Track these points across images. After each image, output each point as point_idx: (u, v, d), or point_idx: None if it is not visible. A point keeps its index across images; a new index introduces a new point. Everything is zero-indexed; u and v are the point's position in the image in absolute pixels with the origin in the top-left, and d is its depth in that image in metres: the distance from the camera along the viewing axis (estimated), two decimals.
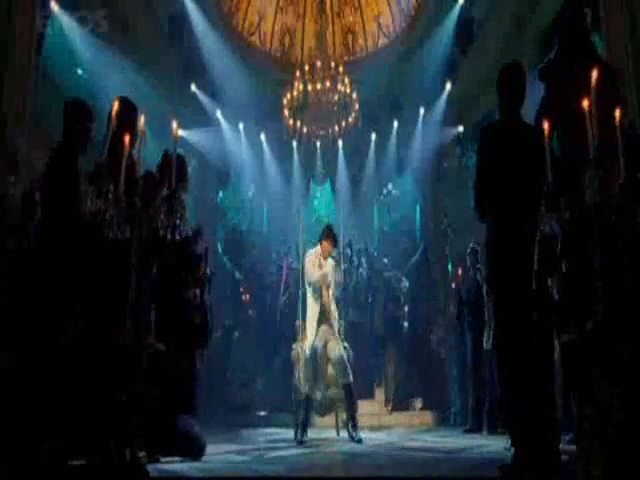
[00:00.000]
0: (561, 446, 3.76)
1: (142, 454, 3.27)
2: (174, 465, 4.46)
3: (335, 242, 6.63)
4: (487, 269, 4.19)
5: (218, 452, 5.38)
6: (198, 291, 5.36)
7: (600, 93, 3.18)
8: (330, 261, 6.62)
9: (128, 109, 3.81)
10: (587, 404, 2.81)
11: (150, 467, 4.15)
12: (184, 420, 4.99)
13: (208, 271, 5.58)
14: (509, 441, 5.20)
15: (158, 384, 4.81)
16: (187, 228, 5.19)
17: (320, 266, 6.46)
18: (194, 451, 4.85)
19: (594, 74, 3.15)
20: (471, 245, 8.15)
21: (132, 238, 3.01)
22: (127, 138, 3.24)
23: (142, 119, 3.32)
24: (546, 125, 3.33)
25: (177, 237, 3.15)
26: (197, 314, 5.28)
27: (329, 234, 6.58)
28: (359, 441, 5.99)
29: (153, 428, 4.69)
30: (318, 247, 6.59)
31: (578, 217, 3.11)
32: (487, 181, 4.06)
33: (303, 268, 6.65)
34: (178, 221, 3.14)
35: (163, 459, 4.63)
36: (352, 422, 6.22)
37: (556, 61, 4.42)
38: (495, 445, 5.58)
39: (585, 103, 3.09)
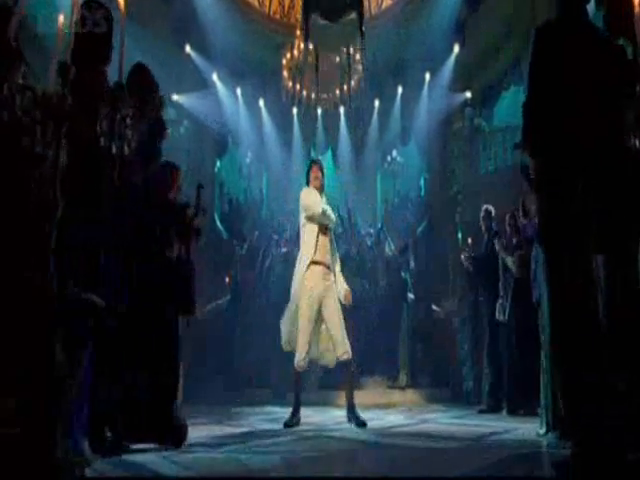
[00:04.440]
0: None
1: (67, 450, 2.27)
2: (144, 455, 3.52)
3: (322, 170, 5.68)
4: (539, 221, 3.20)
5: (205, 436, 4.46)
6: (183, 247, 4.34)
7: None
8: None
9: None
10: None
11: (108, 460, 3.28)
12: (163, 401, 4.04)
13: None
14: (543, 426, 4.30)
15: (128, 358, 3.93)
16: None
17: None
18: (172, 438, 3.91)
19: None
20: (485, 207, 7.17)
21: (57, 150, 2.01)
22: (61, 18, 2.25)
23: None
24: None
25: (126, 152, 2.15)
26: (181, 274, 4.26)
27: (313, 164, 5.74)
28: (362, 425, 4.96)
29: (122, 410, 3.82)
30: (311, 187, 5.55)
31: None
32: (543, 102, 3.04)
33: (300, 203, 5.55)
34: (130, 132, 2.14)
35: (134, 446, 3.71)
36: (350, 404, 5.17)
37: None
38: (522, 430, 4.65)
39: None
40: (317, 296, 5.19)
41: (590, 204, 2.93)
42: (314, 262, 5.25)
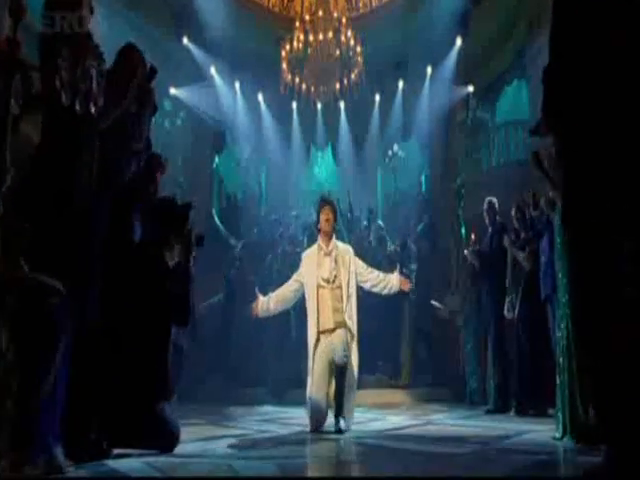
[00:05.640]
0: None
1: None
2: (127, 461, 3.16)
3: (334, 211, 4.99)
4: (563, 200, 2.83)
5: (197, 439, 4.10)
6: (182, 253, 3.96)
7: None
8: (340, 248, 4.97)
9: None
10: None
11: (87, 466, 2.93)
12: (153, 404, 3.67)
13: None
14: (559, 430, 3.94)
15: (115, 358, 3.57)
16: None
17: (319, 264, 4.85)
18: (162, 443, 3.55)
19: None
20: (488, 199, 6.80)
21: (7, 105, 1.65)
22: None
23: None
24: None
25: (92, 110, 1.78)
26: (178, 284, 3.87)
27: (323, 206, 4.96)
28: (339, 432, 4.40)
29: (107, 413, 3.46)
30: (314, 246, 5.04)
31: None
32: (564, 67, 2.67)
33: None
34: (92, 82, 1.77)
35: (122, 451, 3.35)
36: (339, 409, 4.58)
37: None
38: (536, 432, 4.29)
39: None
40: (327, 353, 4.72)
41: (620, 179, 2.57)
42: (321, 332, 4.75)
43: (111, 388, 3.49)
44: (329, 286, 4.79)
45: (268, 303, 5.04)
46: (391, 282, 5.04)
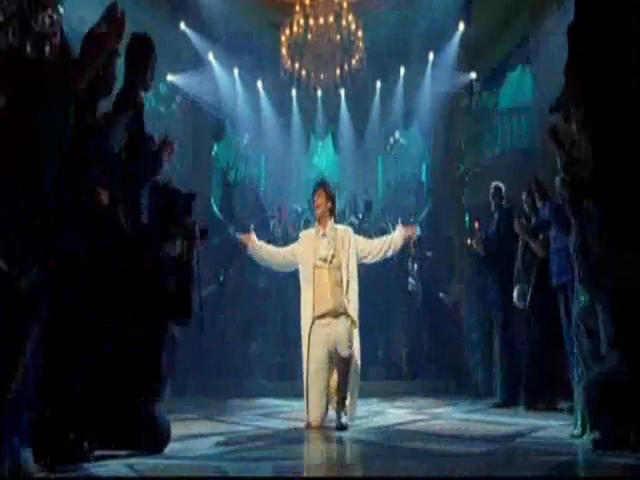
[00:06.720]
0: None
1: None
2: (110, 463, 2.83)
3: (328, 195, 4.64)
4: (592, 170, 2.50)
5: (190, 435, 3.78)
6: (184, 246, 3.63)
7: None
8: (338, 230, 4.64)
9: None
10: None
11: (62, 470, 2.61)
12: (142, 402, 3.34)
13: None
14: (578, 427, 3.60)
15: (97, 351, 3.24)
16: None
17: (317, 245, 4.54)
18: (150, 443, 3.22)
19: None
20: (494, 184, 6.45)
21: None
22: None
23: None
24: None
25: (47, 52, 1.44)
26: (174, 277, 3.52)
27: (317, 190, 4.68)
28: (341, 427, 4.09)
29: (91, 411, 3.13)
30: (313, 228, 4.77)
31: None
32: (591, 25, 2.35)
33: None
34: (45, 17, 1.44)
35: (105, 453, 3.02)
36: (340, 403, 4.27)
37: None
38: (550, 429, 3.96)
39: None
40: (325, 341, 4.39)
41: None
42: (318, 317, 4.42)
43: (94, 384, 3.16)
44: (327, 266, 4.45)
45: (260, 247, 4.78)
46: (393, 239, 4.75)
